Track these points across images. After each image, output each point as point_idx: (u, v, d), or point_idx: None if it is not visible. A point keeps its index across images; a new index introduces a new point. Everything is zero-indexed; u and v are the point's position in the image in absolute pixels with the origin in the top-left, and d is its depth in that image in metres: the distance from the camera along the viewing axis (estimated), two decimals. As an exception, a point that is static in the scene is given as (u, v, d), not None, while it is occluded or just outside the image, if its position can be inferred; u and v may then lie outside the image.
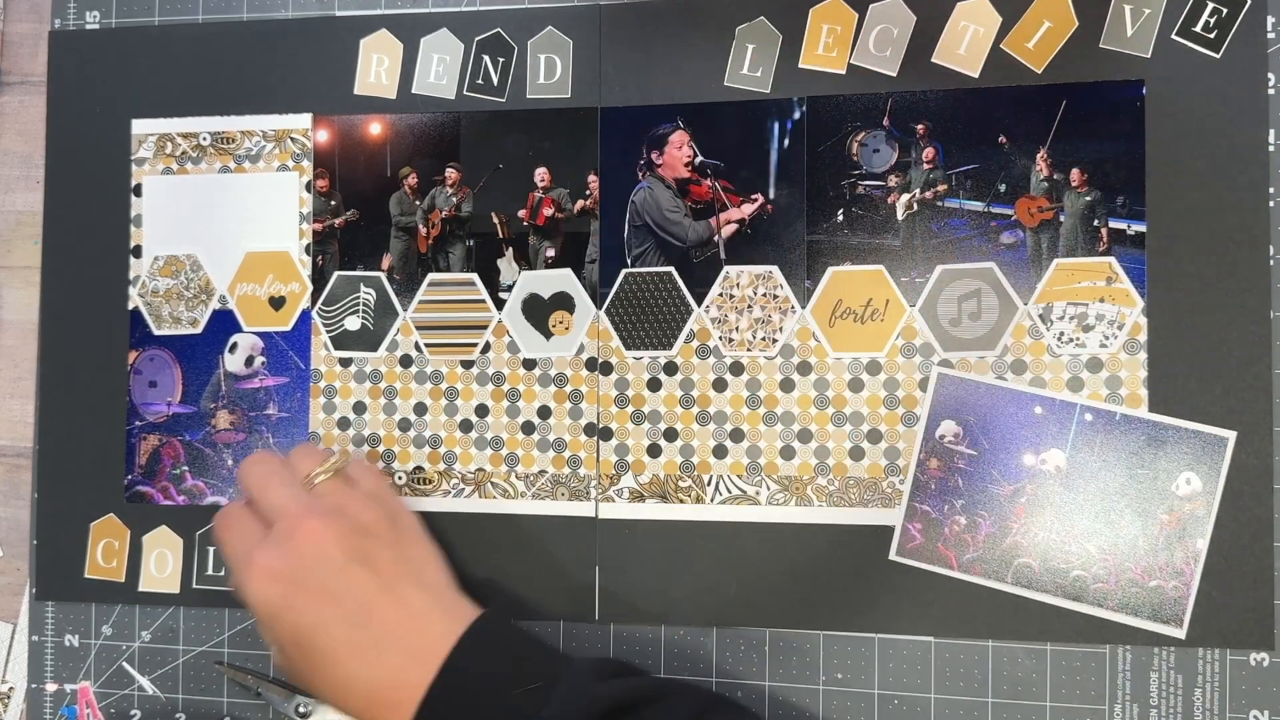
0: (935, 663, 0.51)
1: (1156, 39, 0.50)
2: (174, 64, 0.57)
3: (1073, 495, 0.50)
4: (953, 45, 0.50)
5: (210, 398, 0.57)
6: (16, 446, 0.58)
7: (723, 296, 0.53)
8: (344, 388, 0.55)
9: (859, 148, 0.52)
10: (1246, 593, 0.48)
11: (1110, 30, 0.50)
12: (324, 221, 0.56)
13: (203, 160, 0.57)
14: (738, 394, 0.52)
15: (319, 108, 0.56)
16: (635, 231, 0.54)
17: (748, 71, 0.53)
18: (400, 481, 0.55)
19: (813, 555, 0.51)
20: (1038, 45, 0.50)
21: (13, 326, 0.59)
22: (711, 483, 0.52)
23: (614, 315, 0.54)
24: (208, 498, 0.56)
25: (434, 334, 0.55)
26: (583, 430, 0.53)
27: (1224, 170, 0.49)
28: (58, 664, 0.57)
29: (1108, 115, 0.50)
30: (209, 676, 0.56)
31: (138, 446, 0.57)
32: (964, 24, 0.51)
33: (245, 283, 0.57)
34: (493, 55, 0.55)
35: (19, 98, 0.59)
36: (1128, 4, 0.50)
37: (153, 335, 0.57)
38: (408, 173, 0.55)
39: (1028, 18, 0.51)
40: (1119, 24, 0.50)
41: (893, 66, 0.52)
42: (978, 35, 0.51)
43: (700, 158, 0.53)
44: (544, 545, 0.53)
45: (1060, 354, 0.50)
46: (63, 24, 0.58)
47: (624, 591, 0.53)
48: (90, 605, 0.57)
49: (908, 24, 0.51)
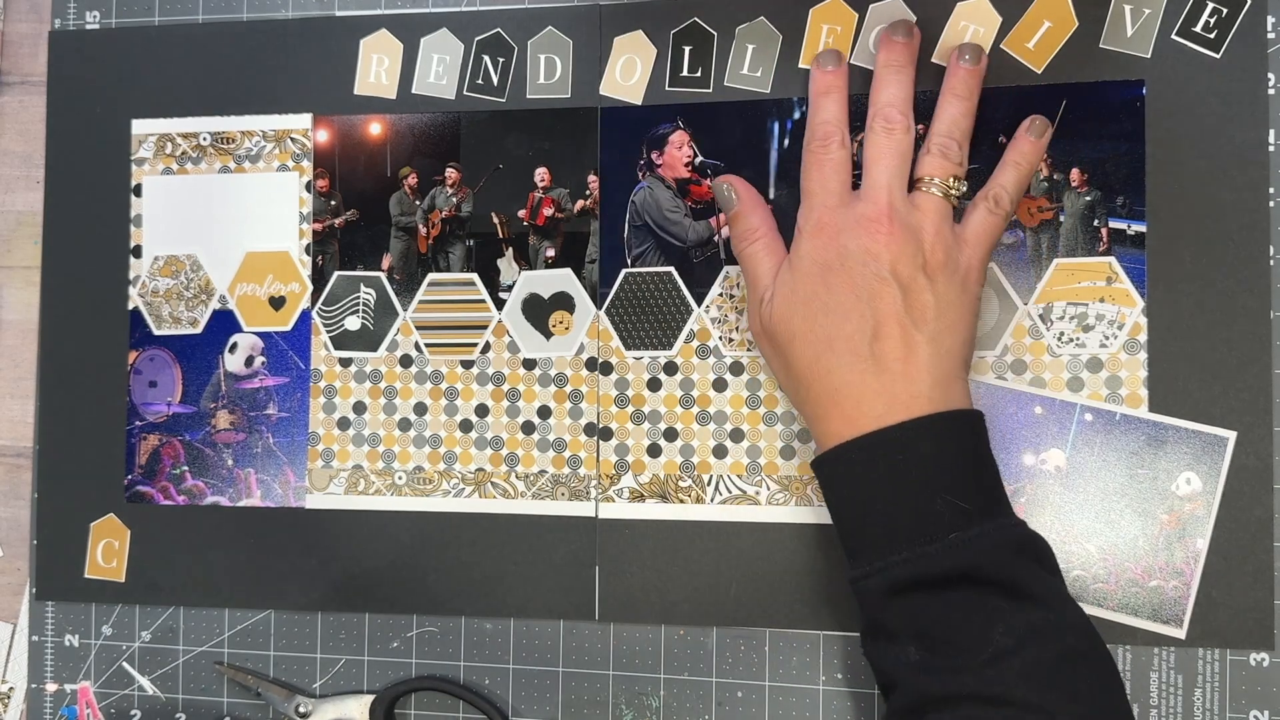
0: (935, 663, 0.51)
1: (1157, 39, 0.50)
2: (174, 64, 0.57)
3: (1073, 495, 0.50)
4: (953, 45, 0.50)
5: (210, 398, 0.57)
6: (16, 446, 0.58)
7: (723, 296, 0.53)
8: (344, 388, 0.55)
9: (858, 148, 0.52)
10: (1246, 593, 0.48)
11: (1110, 30, 0.50)
12: (324, 221, 0.56)
13: (203, 160, 0.57)
14: (738, 394, 0.52)
15: (319, 108, 0.56)
16: (635, 231, 0.54)
17: (748, 71, 0.53)
18: (400, 481, 0.55)
19: (812, 555, 0.51)
20: (1038, 45, 0.50)
21: (13, 326, 0.59)
22: (711, 482, 0.52)
23: (614, 315, 0.54)
24: (208, 497, 0.56)
25: (434, 334, 0.55)
26: (583, 430, 0.53)
27: (1224, 170, 0.49)
28: (58, 664, 0.57)
29: (1108, 115, 0.50)
30: (209, 676, 0.56)
31: (138, 446, 0.57)
32: (964, 24, 0.51)
33: (245, 283, 0.57)
34: (493, 55, 0.55)
35: (19, 98, 0.59)
36: (1128, 4, 0.50)
37: (153, 335, 0.57)
38: (408, 173, 0.55)
39: (1028, 18, 0.51)
40: (1119, 24, 0.50)
41: None
42: (978, 35, 0.51)
43: (700, 158, 0.53)
44: (544, 545, 0.53)
45: (1060, 354, 0.50)
46: (63, 24, 0.58)
47: (624, 591, 0.53)
48: (90, 605, 0.57)
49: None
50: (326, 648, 0.55)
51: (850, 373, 0.45)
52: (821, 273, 0.46)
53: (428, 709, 0.55)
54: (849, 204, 0.46)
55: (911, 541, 0.42)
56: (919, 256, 0.45)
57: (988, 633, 0.40)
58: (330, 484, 0.55)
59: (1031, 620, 0.41)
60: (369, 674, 0.55)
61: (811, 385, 0.46)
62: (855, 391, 0.44)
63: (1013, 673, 0.40)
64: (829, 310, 0.45)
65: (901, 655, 0.42)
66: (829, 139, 0.48)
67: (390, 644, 0.55)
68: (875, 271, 0.45)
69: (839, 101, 0.49)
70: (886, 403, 0.44)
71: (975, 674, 0.40)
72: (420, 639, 0.55)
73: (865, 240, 0.45)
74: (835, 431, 0.45)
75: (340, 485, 0.55)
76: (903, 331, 0.44)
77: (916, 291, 0.45)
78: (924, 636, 0.42)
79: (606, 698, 0.53)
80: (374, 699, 0.54)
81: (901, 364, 0.44)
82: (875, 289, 0.44)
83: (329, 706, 0.54)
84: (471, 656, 0.54)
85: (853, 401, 0.44)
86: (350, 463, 0.55)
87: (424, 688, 0.54)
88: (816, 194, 0.47)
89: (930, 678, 0.41)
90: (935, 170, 0.47)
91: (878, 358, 0.44)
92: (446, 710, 0.55)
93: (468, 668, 0.54)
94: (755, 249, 0.49)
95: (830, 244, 0.46)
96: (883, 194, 0.46)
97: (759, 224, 0.49)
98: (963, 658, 0.41)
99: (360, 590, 0.55)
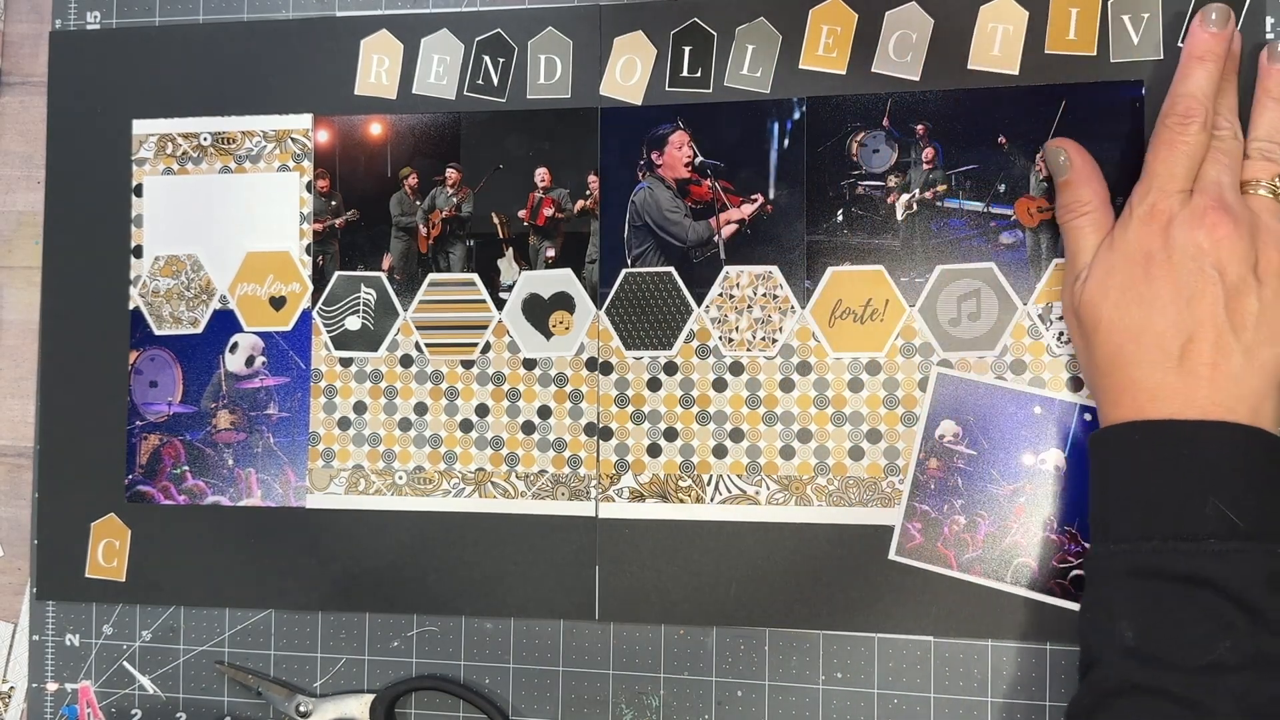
0: (935, 662, 0.51)
1: (1164, 46, 0.50)
2: (174, 64, 0.57)
3: (1073, 495, 0.50)
4: (984, 47, 0.50)
5: (211, 398, 0.57)
6: (17, 446, 0.59)
7: (723, 296, 0.53)
8: (344, 387, 0.56)
9: (859, 148, 0.52)
10: None
11: (1116, 45, 0.50)
12: (324, 222, 0.56)
13: (203, 160, 0.57)
14: (738, 394, 0.53)
15: (319, 108, 0.56)
16: (635, 231, 0.54)
17: (748, 72, 0.53)
18: (401, 481, 0.55)
19: (812, 555, 0.51)
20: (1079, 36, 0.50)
21: (13, 326, 0.59)
22: (711, 482, 0.53)
23: (614, 315, 0.54)
24: (208, 497, 0.56)
25: (434, 334, 0.55)
26: (583, 430, 0.54)
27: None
28: (58, 663, 0.57)
29: (1108, 115, 0.50)
30: (209, 676, 0.56)
31: (138, 446, 0.57)
32: (992, 25, 0.50)
33: (246, 283, 0.57)
34: (493, 55, 0.55)
35: (19, 98, 0.59)
36: (1125, 14, 0.50)
37: (153, 335, 0.57)
38: (408, 173, 0.56)
39: (1056, 12, 0.50)
40: (1124, 38, 0.50)
41: (914, 71, 0.51)
42: (1007, 35, 0.50)
43: (700, 158, 0.53)
44: (544, 545, 0.54)
45: (1060, 354, 0.50)
46: (63, 24, 0.58)
47: (624, 591, 0.53)
48: (91, 605, 0.57)
49: (926, 28, 0.51)
50: (327, 647, 0.55)
51: (1153, 369, 0.43)
52: (1144, 261, 0.43)
53: (428, 708, 0.55)
54: (1187, 195, 0.44)
55: (1169, 534, 0.41)
56: (1250, 256, 0.42)
57: (1214, 643, 0.39)
58: (331, 484, 0.55)
59: (1264, 649, 0.39)
60: (369, 673, 0.55)
61: (1110, 373, 0.44)
62: (1152, 386, 0.43)
63: (1224, 688, 0.39)
64: (1143, 302, 0.43)
65: (1116, 636, 0.41)
66: (1190, 115, 0.44)
67: (391, 643, 0.55)
68: (1201, 268, 0.42)
69: (1211, 75, 0.45)
70: (1183, 403, 0.42)
71: (1186, 675, 0.39)
72: (421, 638, 0.55)
73: (1197, 234, 0.42)
74: (1121, 416, 0.44)
75: (341, 485, 0.55)
76: (1218, 336, 0.42)
77: (1242, 294, 0.42)
78: (1147, 625, 0.41)
79: (606, 697, 0.53)
80: (374, 698, 0.54)
81: (1210, 369, 0.42)
82: (1198, 287, 0.42)
83: (329, 706, 0.54)
84: (472, 656, 0.54)
85: (1148, 395, 0.43)
86: (351, 462, 0.55)
87: (424, 687, 0.54)
88: (1159, 175, 0.44)
89: (1139, 664, 0.40)
90: (1260, 173, 0.45)
91: (1185, 360, 0.42)
92: (447, 710, 0.55)
93: (468, 667, 0.54)
94: (1082, 223, 0.46)
95: (1160, 232, 0.43)
96: (1215, 189, 0.43)
97: (1091, 197, 0.47)
98: (1180, 656, 0.40)
99: (361, 590, 0.55)
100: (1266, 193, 0.44)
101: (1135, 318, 0.43)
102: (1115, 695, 0.40)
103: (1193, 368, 0.42)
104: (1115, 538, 0.43)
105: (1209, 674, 0.39)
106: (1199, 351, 0.42)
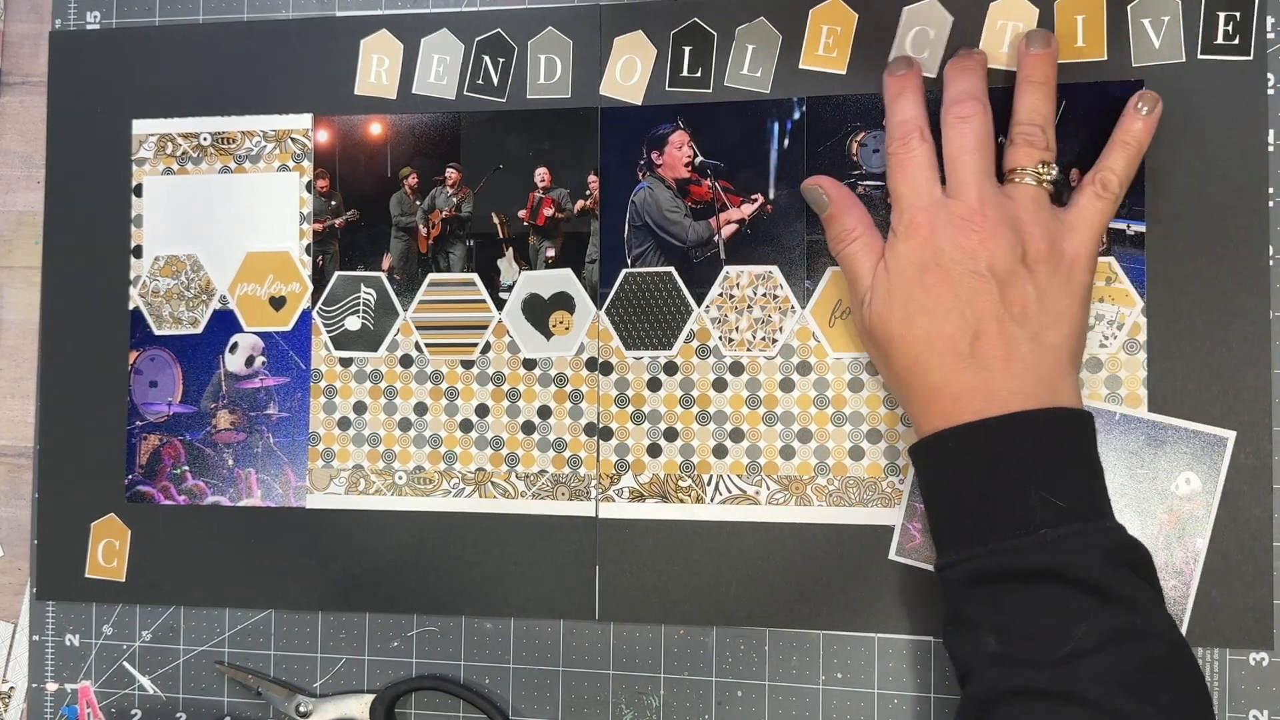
0: (935, 663, 0.51)
1: (1185, 51, 0.50)
2: (174, 64, 0.57)
3: (1072, 495, 0.50)
4: (995, 46, 0.50)
5: (211, 398, 0.57)
6: (17, 446, 0.59)
7: (723, 296, 0.53)
8: (344, 388, 0.56)
9: (859, 148, 0.52)
10: (1246, 593, 0.48)
11: (1137, 51, 0.50)
12: (324, 222, 0.56)
13: (203, 160, 0.57)
14: (738, 394, 0.53)
15: (319, 108, 0.56)
16: (635, 231, 0.54)
17: (748, 71, 0.53)
18: (401, 481, 0.55)
19: (813, 555, 0.51)
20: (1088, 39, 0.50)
21: (13, 326, 0.59)
22: (711, 482, 0.53)
23: (614, 315, 0.54)
24: (208, 497, 0.56)
25: (434, 334, 0.55)
26: (583, 430, 0.54)
27: (1223, 170, 0.49)
28: (58, 664, 0.57)
29: (1108, 115, 0.50)
30: (209, 676, 0.56)
31: (138, 446, 0.57)
32: (1001, 22, 0.50)
33: (246, 283, 0.57)
34: (493, 55, 0.55)
35: (19, 98, 0.59)
36: (1145, 18, 0.50)
37: (153, 335, 0.57)
38: (408, 173, 0.56)
39: (1062, 12, 0.50)
40: (1144, 40, 0.50)
41: (931, 68, 0.51)
42: (1018, 31, 0.50)
43: (700, 158, 0.53)
44: (544, 545, 0.54)
45: (1060, 354, 0.50)
46: (63, 24, 0.58)
47: (624, 591, 0.53)
48: (91, 605, 0.57)
49: (945, 25, 0.51)
50: (327, 647, 0.55)
51: (949, 371, 0.44)
52: (918, 273, 0.45)
53: (428, 708, 0.55)
54: (941, 201, 0.45)
55: (1000, 534, 0.42)
56: (1017, 249, 0.44)
57: (1069, 631, 0.40)
58: (331, 484, 0.55)
59: (1117, 624, 0.40)
60: (369, 673, 0.55)
61: (911, 384, 0.45)
62: (954, 389, 0.44)
63: (1088, 673, 0.39)
64: (927, 311, 0.44)
65: (979, 646, 0.42)
66: (908, 136, 0.47)
67: (391, 643, 0.55)
68: (972, 269, 0.44)
69: (914, 100, 0.48)
70: (985, 399, 0.43)
71: (1049, 670, 0.40)
72: (420, 638, 0.55)
73: (959, 238, 0.44)
74: (933, 426, 0.44)
75: (341, 485, 0.55)
76: (1001, 328, 0.43)
77: (1015, 285, 0.44)
78: (1004, 629, 0.41)
79: (606, 697, 0.53)
80: (374, 698, 0.54)
81: (1002, 361, 0.43)
82: (974, 287, 0.44)
83: (329, 706, 0.54)
84: (472, 656, 0.54)
85: (950, 398, 0.44)
86: (350, 462, 0.55)
87: (424, 687, 0.54)
88: (905, 195, 0.46)
89: (1004, 670, 0.41)
90: (1022, 160, 0.46)
91: (976, 356, 0.43)
92: (447, 710, 0.55)
93: (468, 667, 0.54)
94: (854, 249, 0.48)
95: (925, 244, 0.45)
96: (971, 189, 0.45)
97: (854, 224, 0.48)
98: (1040, 653, 0.40)
99: (361, 590, 0.55)
100: (1031, 180, 0.45)
101: (922, 327, 0.44)
102: (992, 705, 0.41)
103: (986, 361, 0.43)
104: (953, 549, 0.44)
105: (1071, 662, 0.39)
106: (988, 345, 0.43)
